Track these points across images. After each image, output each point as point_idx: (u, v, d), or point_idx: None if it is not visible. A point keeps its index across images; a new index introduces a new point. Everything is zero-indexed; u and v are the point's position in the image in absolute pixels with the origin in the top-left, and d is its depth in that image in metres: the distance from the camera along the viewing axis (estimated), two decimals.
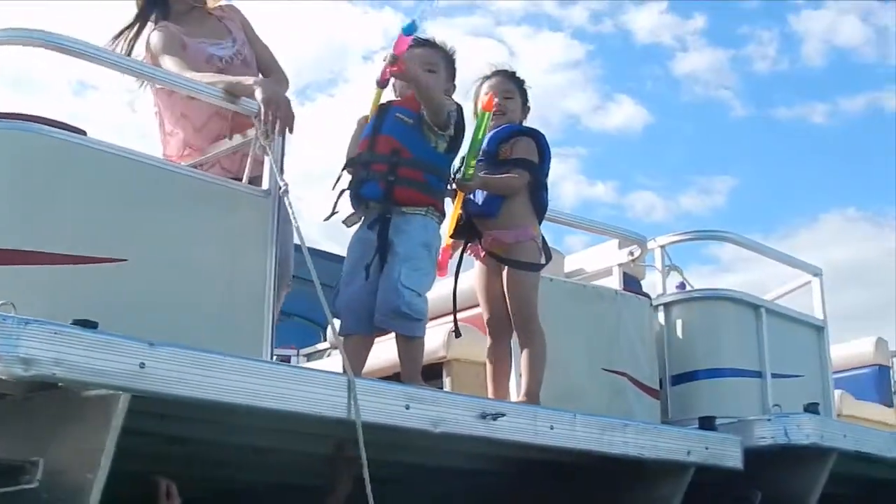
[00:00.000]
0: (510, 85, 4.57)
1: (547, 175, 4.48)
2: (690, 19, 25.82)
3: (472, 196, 4.34)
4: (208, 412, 3.04)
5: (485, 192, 4.33)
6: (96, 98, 24.47)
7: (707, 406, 5.04)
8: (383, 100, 4.15)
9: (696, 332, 5.41)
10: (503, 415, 3.58)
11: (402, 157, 3.93)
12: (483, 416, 3.53)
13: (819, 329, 5.99)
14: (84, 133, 3.48)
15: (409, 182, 3.94)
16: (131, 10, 4.56)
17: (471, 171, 4.19)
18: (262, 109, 3.80)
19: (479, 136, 4.24)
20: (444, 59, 4.23)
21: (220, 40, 4.55)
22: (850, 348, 7.54)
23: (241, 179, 3.95)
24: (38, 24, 3.46)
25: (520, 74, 4.63)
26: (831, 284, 6.29)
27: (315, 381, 3.13)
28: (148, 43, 4.38)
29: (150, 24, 4.45)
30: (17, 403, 2.96)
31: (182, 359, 2.84)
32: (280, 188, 3.63)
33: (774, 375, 5.45)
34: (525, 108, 4.61)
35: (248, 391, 2.93)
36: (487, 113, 4.29)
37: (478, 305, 4.69)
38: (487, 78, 4.56)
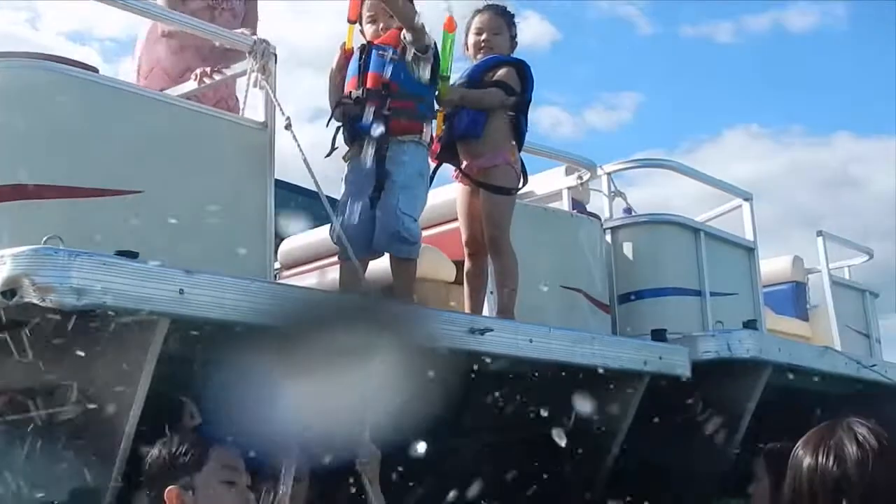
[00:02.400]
0: (499, 21, 4.84)
1: (528, 103, 4.74)
2: None
3: (457, 118, 4.61)
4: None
5: (470, 115, 4.59)
6: None
7: (652, 322, 5.35)
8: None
9: (641, 254, 5.79)
10: (490, 330, 3.88)
11: (392, 90, 4.20)
12: (472, 332, 3.84)
13: (750, 250, 6.41)
14: (96, 70, 3.65)
15: (402, 112, 4.22)
16: None
17: (444, 88, 4.47)
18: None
19: (446, 55, 4.50)
20: None
21: None
22: (768, 265, 7.94)
23: None
24: None
25: (509, 9, 4.90)
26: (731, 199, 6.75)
27: None
28: None
29: None
30: (44, 331, 3.09)
31: (217, 284, 3.08)
32: (284, 121, 3.84)
33: (712, 294, 5.85)
34: (513, 43, 4.87)
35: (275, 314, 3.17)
36: (450, 34, 4.54)
37: (445, 223, 5.03)
38: (479, 12, 4.80)
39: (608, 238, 5.77)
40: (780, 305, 7.52)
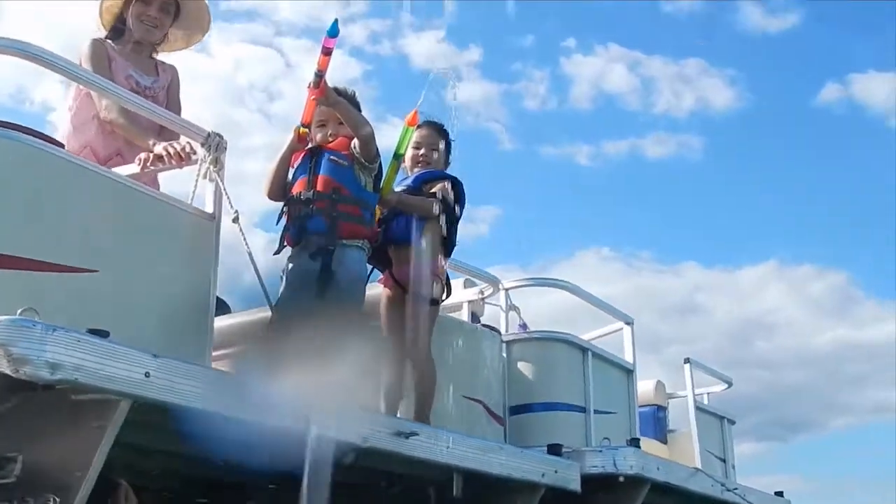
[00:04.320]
0: (437, 137, 5.10)
1: (459, 218, 4.99)
2: (466, 50, 26.64)
3: (395, 223, 4.81)
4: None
5: (408, 221, 4.80)
6: None
7: (540, 435, 5.59)
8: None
9: (534, 368, 6.03)
10: (416, 434, 4.02)
11: (342, 195, 4.36)
12: (398, 434, 3.97)
13: (629, 372, 6.75)
14: (63, 146, 3.70)
15: (350, 217, 4.38)
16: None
17: (388, 187, 4.67)
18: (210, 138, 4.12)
19: (402, 152, 4.74)
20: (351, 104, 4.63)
21: (146, 74, 5.06)
22: None
23: None
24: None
25: (447, 127, 5.17)
26: (584, 319, 7.15)
27: None
28: (81, 50, 4.86)
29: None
30: None
31: (179, 370, 3.14)
32: (232, 214, 3.96)
33: (596, 411, 6.13)
34: (448, 159, 5.14)
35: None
36: (410, 128, 4.77)
37: None
38: (418, 127, 4.99)
39: (503, 352, 5.99)
40: (641, 427, 7.84)
